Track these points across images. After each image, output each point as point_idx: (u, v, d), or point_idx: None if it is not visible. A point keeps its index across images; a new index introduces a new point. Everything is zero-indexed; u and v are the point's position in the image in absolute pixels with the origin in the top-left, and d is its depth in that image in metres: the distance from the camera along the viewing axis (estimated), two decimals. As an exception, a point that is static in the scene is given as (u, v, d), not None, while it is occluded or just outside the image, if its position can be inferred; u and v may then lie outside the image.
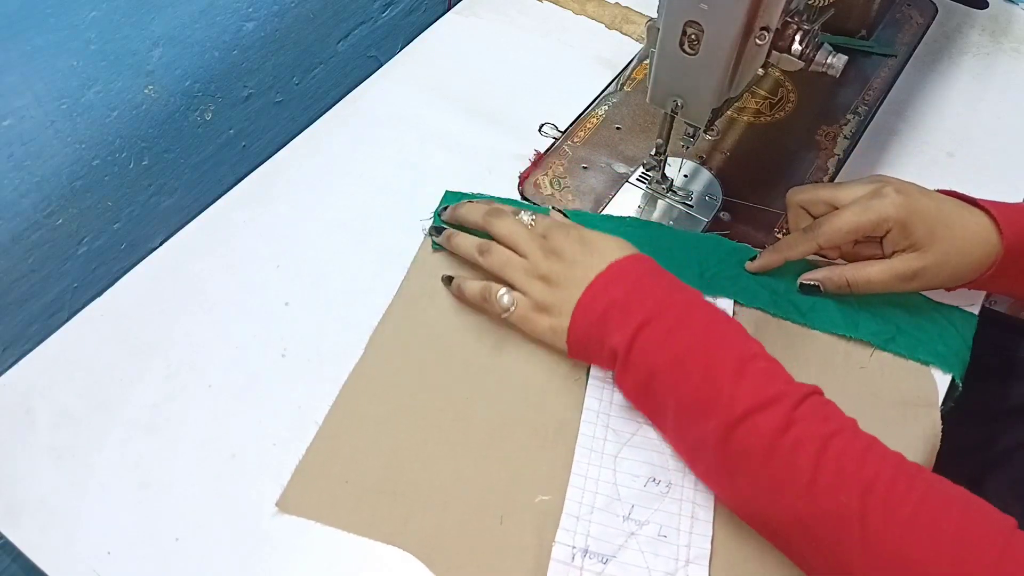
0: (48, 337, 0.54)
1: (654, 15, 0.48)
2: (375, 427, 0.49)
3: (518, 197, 0.62)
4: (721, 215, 0.61)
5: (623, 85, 0.70)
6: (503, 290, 0.51)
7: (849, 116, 0.68)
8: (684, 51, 0.47)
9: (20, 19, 0.49)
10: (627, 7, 0.77)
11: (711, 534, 0.45)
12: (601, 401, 0.50)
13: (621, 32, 0.75)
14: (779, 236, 0.59)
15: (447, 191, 0.61)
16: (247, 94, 0.69)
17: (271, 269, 0.57)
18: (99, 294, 0.56)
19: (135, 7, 0.56)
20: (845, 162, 0.64)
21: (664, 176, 0.60)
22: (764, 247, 0.56)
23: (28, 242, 0.57)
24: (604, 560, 0.45)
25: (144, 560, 0.45)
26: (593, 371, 0.51)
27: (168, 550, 0.46)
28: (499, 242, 0.54)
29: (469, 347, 0.53)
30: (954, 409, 0.51)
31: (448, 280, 0.55)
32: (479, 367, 0.52)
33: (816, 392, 0.43)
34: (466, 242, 0.55)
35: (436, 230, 0.58)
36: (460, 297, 0.54)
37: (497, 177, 0.63)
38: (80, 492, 0.48)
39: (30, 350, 0.53)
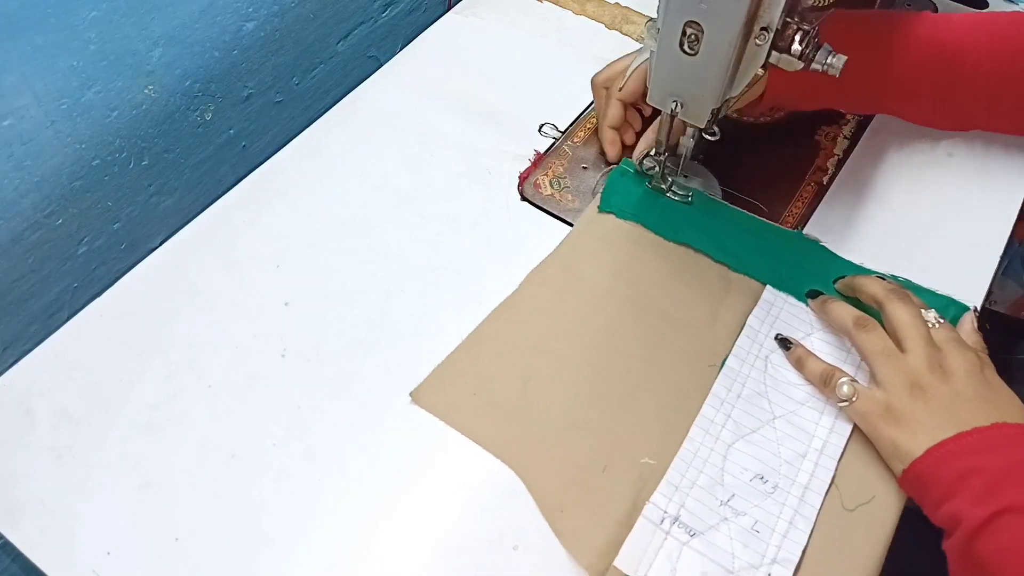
0: (48, 337, 0.54)
1: (654, 15, 0.48)
2: (512, 354, 0.53)
3: (518, 197, 0.62)
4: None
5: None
6: (845, 379, 0.49)
7: (849, 116, 0.67)
8: (684, 51, 0.47)
9: (20, 19, 0.49)
10: (627, 7, 0.77)
11: (805, 544, 0.45)
12: (729, 391, 0.51)
13: (621, 32, 0.75)
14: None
15: (619, 167, 0.62)
16: (247, 94, 0.69)
17: (271, 269, 0.57)
18: (99, 294, 0.56)
19: (135, 7, 0.56)
20: (845, 162, 0.64)
21: (664, 176, 0.60)
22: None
23: (28, 242, 0.57)
24: (691, 533, 0.46)
25: (144, 560, 0.45)
26: (729, 361, 0.52)
27: (168, 550, 0.46)
28: (890, 325, 0.49)
29: (615, 310, 0.55)
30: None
31: (784, 343, 0.53)
32: (622, 330, 0.54)
33: None
34: (844, 311, 0.51)
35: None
36: (798, 367, 0.52)
37: (497, 177, 0.63)
38: (80, 492, 0.48)
39: (30, 350, 0.53)
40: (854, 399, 0.48)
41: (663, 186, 0.61)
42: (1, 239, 0.55)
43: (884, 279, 0.54)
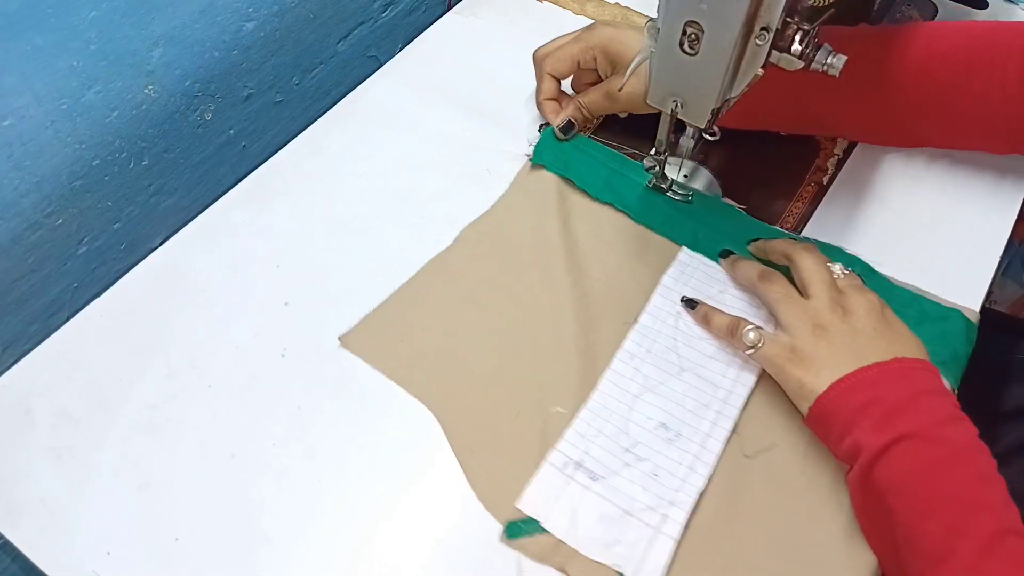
0: (48, 337, 0.54)
1: (654, 15, 0.48)
2: (441, 305, 0.55)
3: (518, 197, 0.62)
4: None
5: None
6: (751, 327, 0.50)
7: (849, 116, 0.67)
8: (684, 51, 0.47)
9: (20, 19, 0.49)
10: (627, 7, 0.77)
11: (702, 487, 0.47)
12: (640, 347, 0.53)
13: (621, 32, 0.74)
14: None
15: (545, 131, 0.64)
16: (247, 94, 0.69)
17: (271, 269, 0.57)
18: (99, 294, 0.56)
19: (135, 7, 0.56)
20: (845, 162, 0.64)
21: (664, 175, 0.60)
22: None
23: (28, 242, 0.57)
24: (594, 478, 0.48)
25: (144, 560, 0.45)
26: (642, 318, 0.55)
27: (168, 550, 0.46)
28: (797, 275, 0.52)
29: (540, 267, 0.57)
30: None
31: (690, 303, 0.54)
32: (545, 286, 0.56)
33: None
34: (750, 267, 0.54)
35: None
36: (704, 324, 0.53)
37: (497, 177, 0.63)
38: (80, 492, 0.48)
39: (30, 350, 0.53)
40: (760, 344, 0.49)
41: (663, 185, 0.61)
42: (1, 239, 0.55)
43: (795, 239, 0.56)
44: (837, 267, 0.52)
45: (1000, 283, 1.19)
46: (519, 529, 0.46)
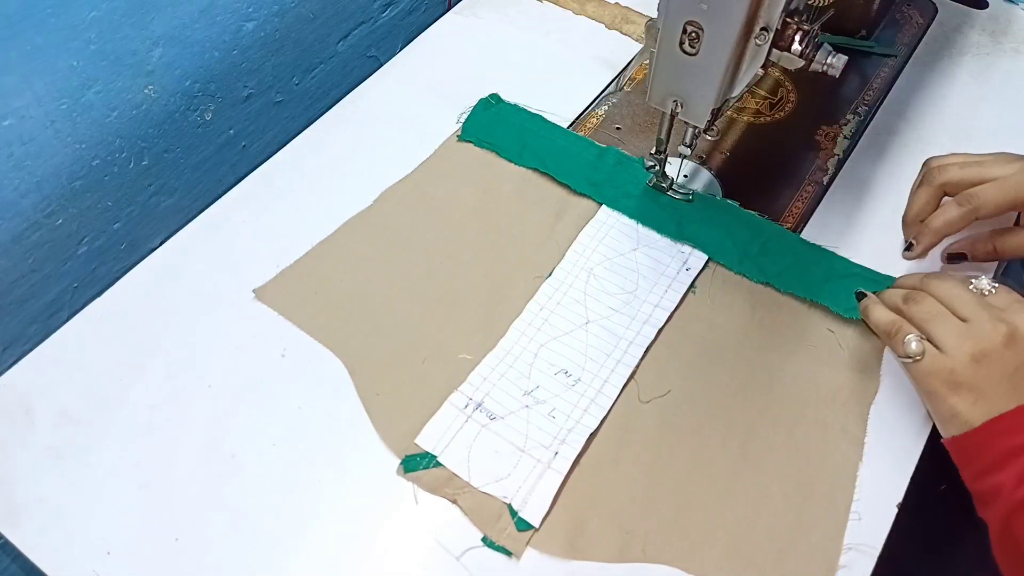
0: (48, 337, 0.54)
1: (654, 15, 0.48)
2: (357, 260, 0.57)
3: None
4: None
5: (623, 85, 0.70)
6: (914, 335, 0.46)
7: (849, 116, 0.68)
8: (684, 51, 0.47)
9: (20, 19, 0.49)
10: (627, 7, 0.77)
11: (594, 427, 0.49)
12: (550, 299, 0.55)
13: (621, 32, 0.75)
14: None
15: (483, 99, 0.66)
16: (247, 94, 0.69)
17: (271, 269, 0.57)
18: (99, 294, 0.56)
19: (135, 7, 0.56)
20: (845, 162, 0.64)
21: (664, 175, 0.60)
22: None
23: (28, 242, 0.57)
24: (491, 417, 0.50)
25: (144, 560, 0.45)
26: (556, 272, 0.56)
27: (168, 550, 0.46)
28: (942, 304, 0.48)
29: (456, 223, 0.59)
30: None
31: (859, 295, 0.53)
32: (460, 240, 0.58)
33: None
34: (893, 292, 0.51)
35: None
36: (865, 316, 0.51)
37: (497, 177, 0.63)
38: (80, 492, 0.48)
39: (30, 350, 0.53)
40: (919, 358, 0.46)
41: (663, 184, 0.61)
42: (1, 239, 0.55)
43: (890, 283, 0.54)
44: (984, 282, 0.48)
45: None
46: (415, 463, 0.48)
